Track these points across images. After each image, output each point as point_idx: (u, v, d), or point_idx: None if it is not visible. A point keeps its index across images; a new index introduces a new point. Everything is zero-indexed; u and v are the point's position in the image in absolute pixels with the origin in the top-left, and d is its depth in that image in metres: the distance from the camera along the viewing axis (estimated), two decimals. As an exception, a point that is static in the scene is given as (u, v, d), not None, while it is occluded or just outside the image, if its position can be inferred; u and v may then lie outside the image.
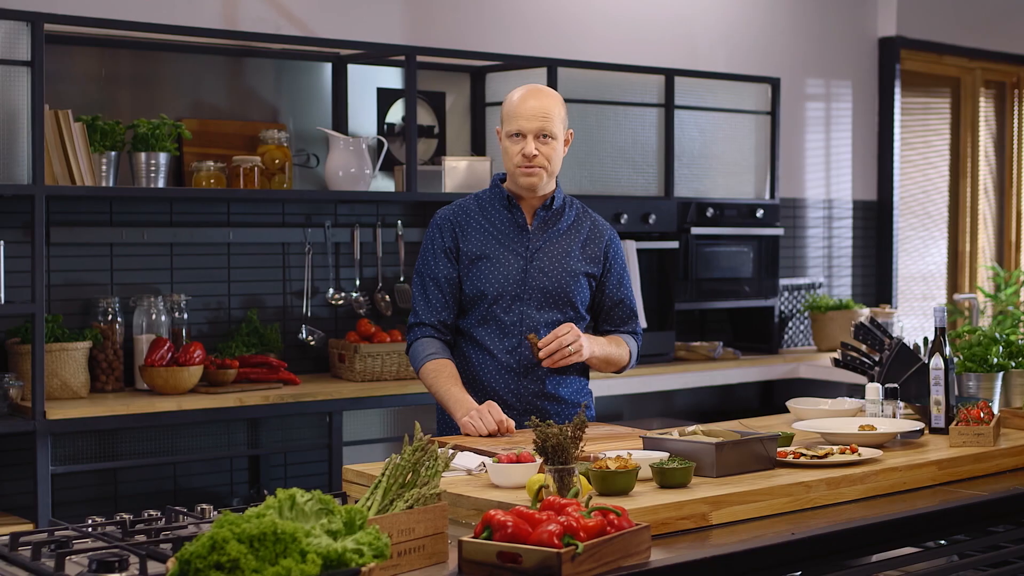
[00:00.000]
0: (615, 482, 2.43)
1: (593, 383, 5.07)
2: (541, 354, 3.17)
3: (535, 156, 3.21)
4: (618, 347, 3.39)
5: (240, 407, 4.24)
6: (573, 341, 3.18)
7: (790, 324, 6.10)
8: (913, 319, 7.03)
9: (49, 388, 4.08)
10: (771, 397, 5.90)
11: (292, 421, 4.70)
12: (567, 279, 3.30)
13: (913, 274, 7.16)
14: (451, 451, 2.26)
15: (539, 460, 2.49)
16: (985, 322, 6.83)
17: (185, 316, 4.51)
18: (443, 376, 3.23)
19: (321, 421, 4.53)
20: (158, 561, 2.07)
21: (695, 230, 5.55)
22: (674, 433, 2.83)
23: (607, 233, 3.41)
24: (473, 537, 2.07)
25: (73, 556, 2.12)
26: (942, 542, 2.92)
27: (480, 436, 3.05)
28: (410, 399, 4.60)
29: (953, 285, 7.39)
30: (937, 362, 3.27)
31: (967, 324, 5.92)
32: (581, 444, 2.39)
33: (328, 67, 4.96)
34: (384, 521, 2.04)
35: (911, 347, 3.54)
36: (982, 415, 3.12)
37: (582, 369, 3.41)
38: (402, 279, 5.02)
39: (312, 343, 4.81)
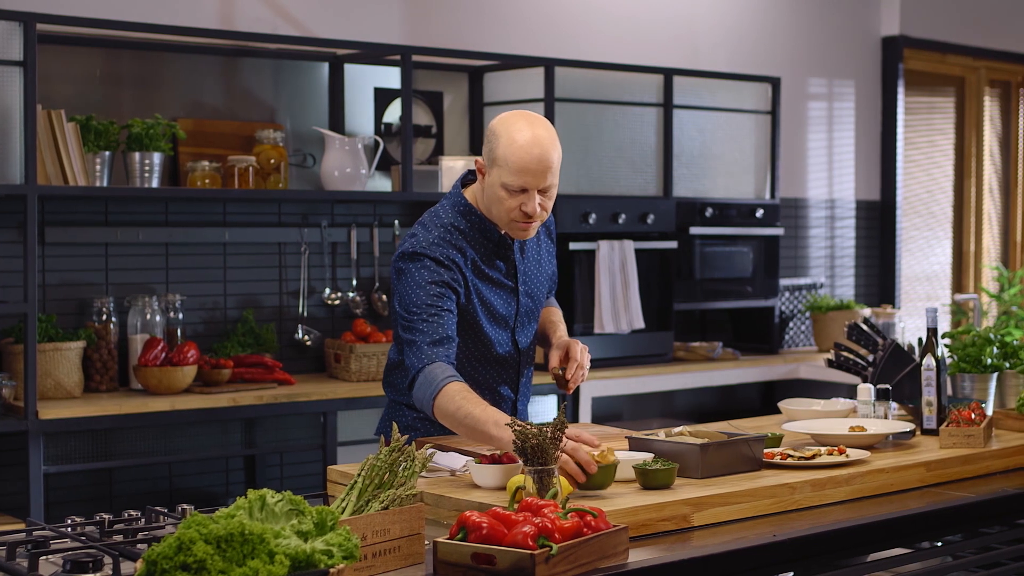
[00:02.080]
0: (591, 478, 2.41)
1: (591, 383, 5.10)
2: (570, 384, 3.00)
3: (537, 211, 2.87)
4: (563, 324, 3.24)
5: (234, 407, 4.24)
6: (588, 361, 3.03)
7: (791, 324, 6.08)
8: (917, 319, 7.00)
9: (43, 388, 4.08)
10: (772, 398, 5.87)
11: (287, 421, 4.70)
12: (543, 292, 3.14)
13: (917, 274, 7.13)
14: (429, 451, 2.25)
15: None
16: (989, 322, 6.80)
17: (180, 316, 4.51)
18: (472, 397, 2.71)
19: (316, 421, 4.52)
20: (133, 561, 2.06)
21: (694, 230, 5.54)
22: (661, 434, 2.82)
23: (550, 218, 3.16)
24: (448, 538, 2.06)
25: (50, 556, 2.12)
26: (938, 544, 2.90)
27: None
28: (405, 399, 4.59)
29: (958, 285, 7.36)
30: (929, 363, 3.25)
31: (968, 324, 5.89)
32: (561, 445, 2.38)
33: (325, 67, 4.95)
34: (358, 522, 2.03)
35: (905, 348, 3.52)
36: (973, 416, 3.10)
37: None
38: (399, 279, 5.01)
39: (308, 343, 4.81)
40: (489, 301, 2.97)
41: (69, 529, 2.30)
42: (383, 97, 5.05)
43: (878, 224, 6.82)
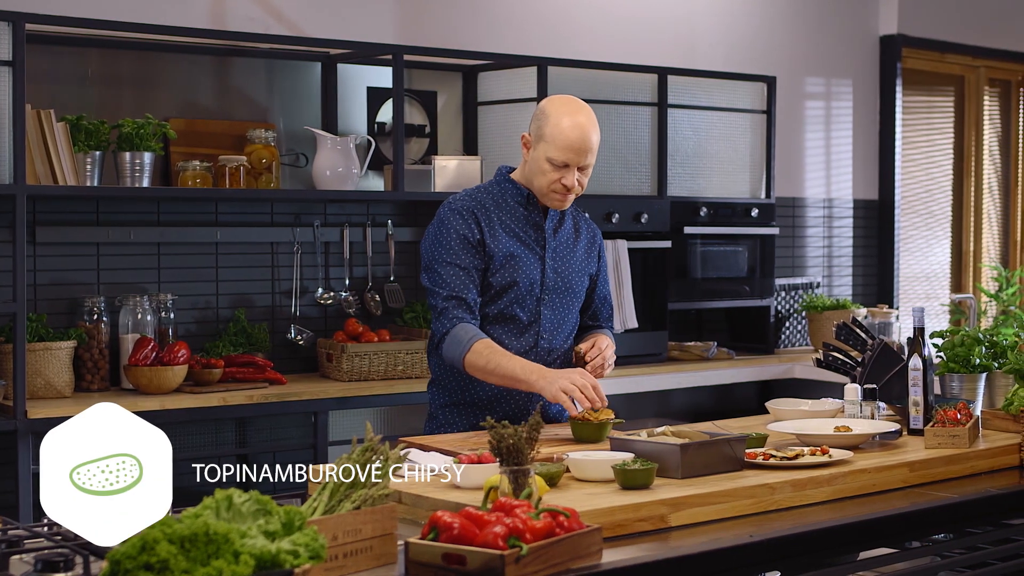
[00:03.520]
0: (584, 431, 2.91)
1: (585, 383, 5.08)
2: (588, 368, 3.22)
3: (575, 186, 3.23)
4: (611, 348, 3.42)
5: (224, 407, 4.24)
6: (612, 354, 3.28)
7: (787, 324, 6.06)
8: (916, 319, 6.97)
9: (33, 387, 4.08)
10: (769, 397, 5.84)
11: (279, 421, 4.70)
12: (576, 280, 3.35)
13: (916, 274, 7.11)
14: (404, 451, 2.24)
15: (501, 461, 2.47)
16: (987, 323, 6.77)
17: (172, 316, 4.51)
18: (499, 351, 3.13)
19: (307, 421, 4.52)
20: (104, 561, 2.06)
21: (688, 229, 5.52)
22: (642, 434, 2.81)
23: (598, 233, 3.50)
24: (420, 538, 2.06)
25: (24, 556, 2.11)
26: (924, 543, 2.89)
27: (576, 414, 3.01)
28: (396, 399, 4.59)
29: (957, 285, 7.34)
30: (916, 363, 3.23)
31: (964, 325, 5.87)
32: (537, 445, 2.37)
33: (318, 67, 4.95)
34: (329, 522, 2.03)
35: (895, 347, 3.50)
36: (959, 416, 3.08)
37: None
38: (392, 279, 5.01)
39: (301, 343, 4.80)
40: (514, 253, 3.24)
41: (45, 528, 2.29)
42: (376, 97, 5.05)
43: (876, 223, 6.80)
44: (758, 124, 5.88)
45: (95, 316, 4.35)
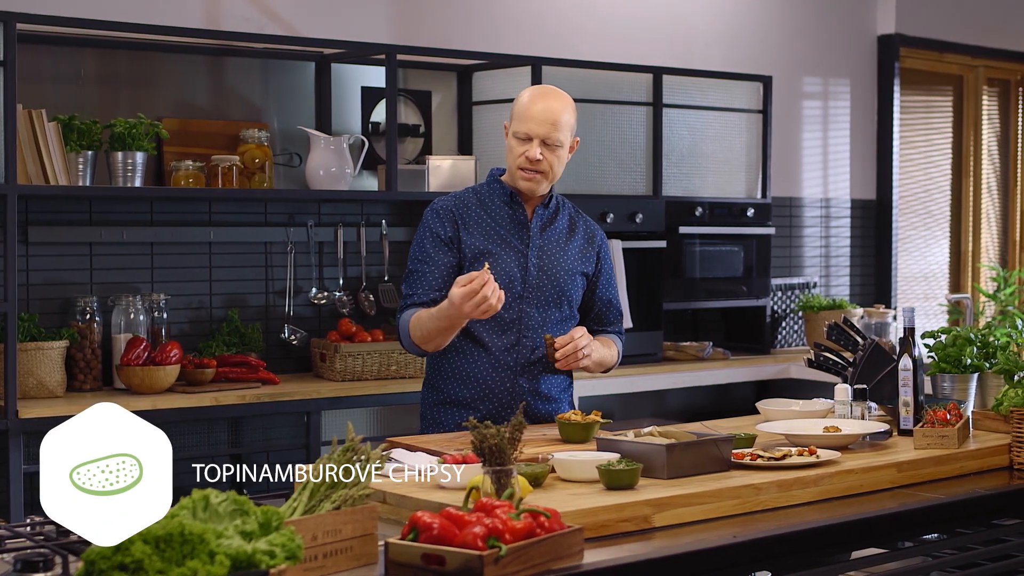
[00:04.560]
0: (570, 432, 2.93)
1: (580, 383, 5.07)
2: (558, 355, 3.18)
3: (539, 161, 3.19)
4: (609, 349, 3.42)
5: (216, 407, 4.23)
6: (586, 344, 3.20)
7: (784, 324, 6.05)
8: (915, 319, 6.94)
9: (25, 387, 4.08)
10: (766, 397, 5.83)
11: (273, 421, 4.69)
12: (565, 278, 3.31)
13: (915, 273, 7.10)
14: (384, 452, 2.23)
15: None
16: (984, 322, 6.75)
17: (165, 315, 4.51)
18: (424, 317, 3.14)
19: (300, 421, 4.51)
20: (84, 561, 2.05)
21: (684, 229, 5.51)
22: (629, 434, 2.80)
23: (599, 234, 3.45)
24: (400, 539, 2.05)
25: (5, 555, 2.11)
26: (914, 544, 2.88)
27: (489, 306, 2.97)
28: (390, 399, 4.58)
29: (956, 285, 7.32)
30: (906, 363, 3.23)
31: (962, 325, 5.85)
32: (520, 445, 2.36)
33: (312, 66, 4.94)
34: (308, 522, 2.02)
35: (886, 348, 3.49)
36: (949, 417, 3.07)
37: None
38: (386, 278, 5.00)
39: (295, 342, 4.80)
40: (489, 251, 3.24)
41: (28, 528, 2.29)
42: (370, 96, 5.04)
43: (873, 223, 6.79)
44: (754, 124, 5.87)
45: (87, 316, 4.35)
